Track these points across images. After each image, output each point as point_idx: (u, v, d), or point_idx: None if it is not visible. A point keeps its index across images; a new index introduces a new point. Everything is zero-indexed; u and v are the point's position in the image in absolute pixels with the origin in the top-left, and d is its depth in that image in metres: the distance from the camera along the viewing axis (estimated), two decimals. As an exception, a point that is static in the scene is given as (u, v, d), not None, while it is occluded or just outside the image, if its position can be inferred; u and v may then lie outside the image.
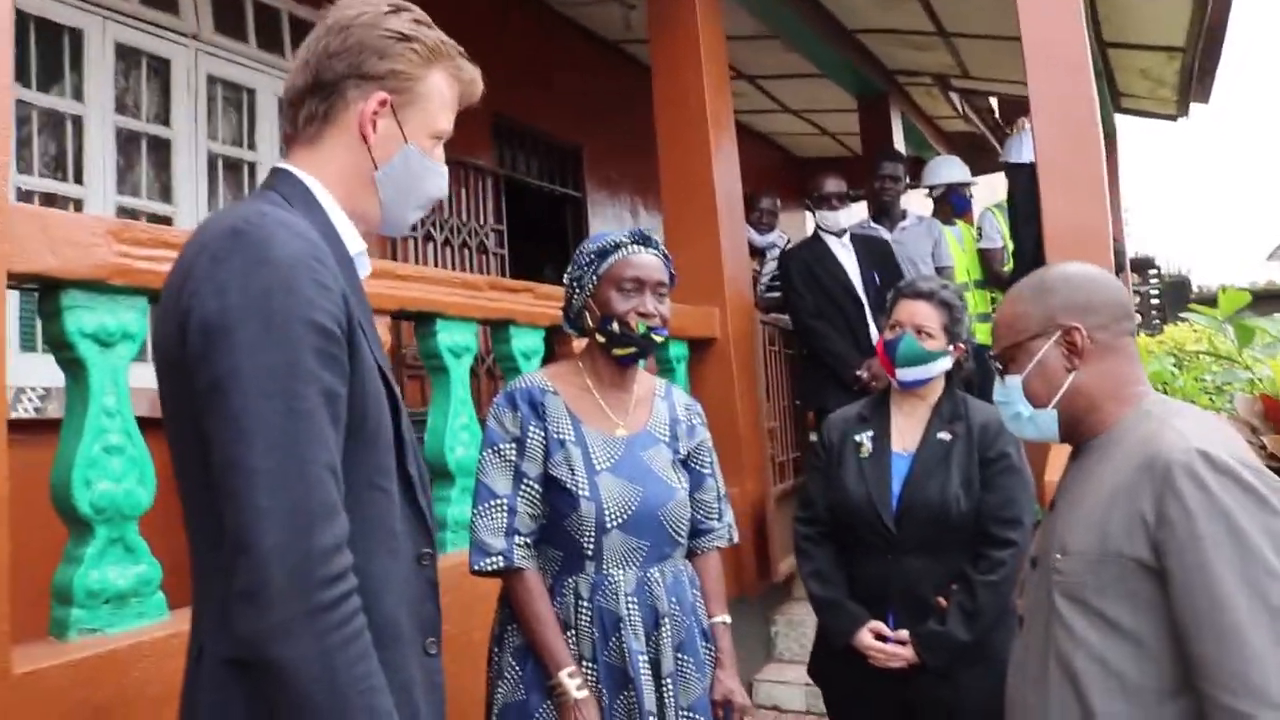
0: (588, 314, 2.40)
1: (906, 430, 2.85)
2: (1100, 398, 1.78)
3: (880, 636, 2.70)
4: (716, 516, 2.54)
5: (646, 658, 2.26)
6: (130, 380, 2.39)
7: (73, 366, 2.31)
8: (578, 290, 2.41)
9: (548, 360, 3.86)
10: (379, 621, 1.35)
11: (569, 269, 2.45)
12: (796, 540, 2.96)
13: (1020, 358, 1.83)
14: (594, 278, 2.37)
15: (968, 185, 6.74)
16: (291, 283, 1.28)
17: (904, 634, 2.67)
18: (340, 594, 1.24)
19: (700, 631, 2.39)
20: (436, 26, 1.60)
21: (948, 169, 6.81)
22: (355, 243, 1.54)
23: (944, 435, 2.79)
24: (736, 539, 2.61)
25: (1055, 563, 1.72)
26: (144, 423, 2.41)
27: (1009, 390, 1.85)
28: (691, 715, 2.29)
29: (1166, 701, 1.58)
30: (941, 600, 2.66)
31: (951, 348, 2.83)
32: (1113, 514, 1.64)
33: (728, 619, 2.48)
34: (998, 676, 2.65)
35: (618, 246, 2.37)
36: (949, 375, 2.90)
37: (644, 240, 2.40)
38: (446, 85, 1.58)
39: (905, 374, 2.82)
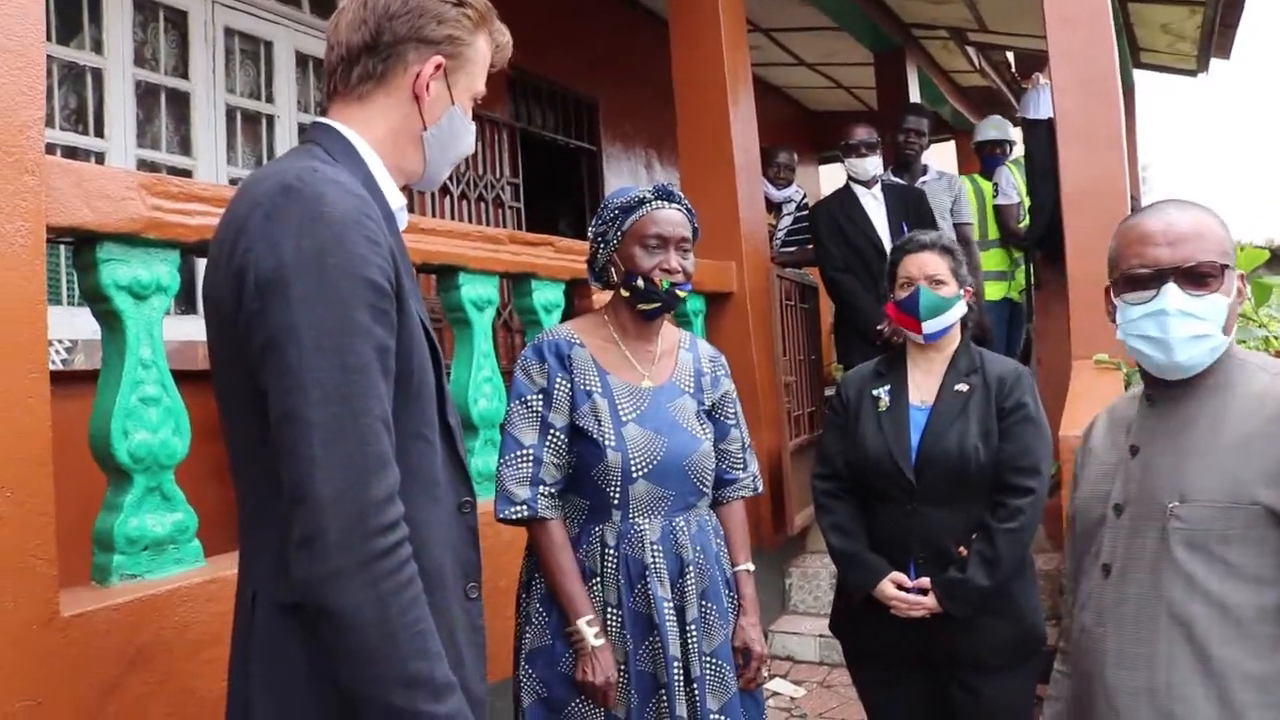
0: (613, 269, 2.43)
1: (923, 383, 2.88)
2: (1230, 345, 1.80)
3: (901, 587, 2.73)
4: (741, 466, 2.59)
5: (671, 605, 2.32)
6: (165, 333, 2.45)
7: (109, 319, 2.36)
8: (602, 245, 2.45)
9: (567, 313, 3.90)
10: (425, 567, 1.40)
11: (593, 223, 2.48)
12: (815, 495, 2.98)
13: (1227, 281, 1.77)
14: (618, 233, 2.41)
15: (1008, 144, 6.81)
16: (344, 239, 1.32)
17: (925, 582, 2.70)
18: (393, 542, 1.29)
19: (724, 580, 2.45)
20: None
21: (998, 127, 6.90)
22: (396, 197, 1.58)
23: (961, 387, 2.81)
24: (761, 489, 2.67)
25: (1174, 510, 1.71)
26: (177, 375, 2.47)
27: (1212, 308, 1.75)
28: (714, 661, 2.36)
29: None
30: (962, 549, 2.70)
31: (962, 292, 2.86)
32: (1246, 462, 1.65)
33: (751, 567, 2.54)
34: (1016, 625, 2.72)
35: (642, 203, 2.40)
36: (962, 325, 2.92)
37: (668, 195, 2.43)
38: (487, 49, 1.63)
39: (931, 325, 2.83)
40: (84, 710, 2.07)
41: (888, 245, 5.18)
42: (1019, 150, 6.59)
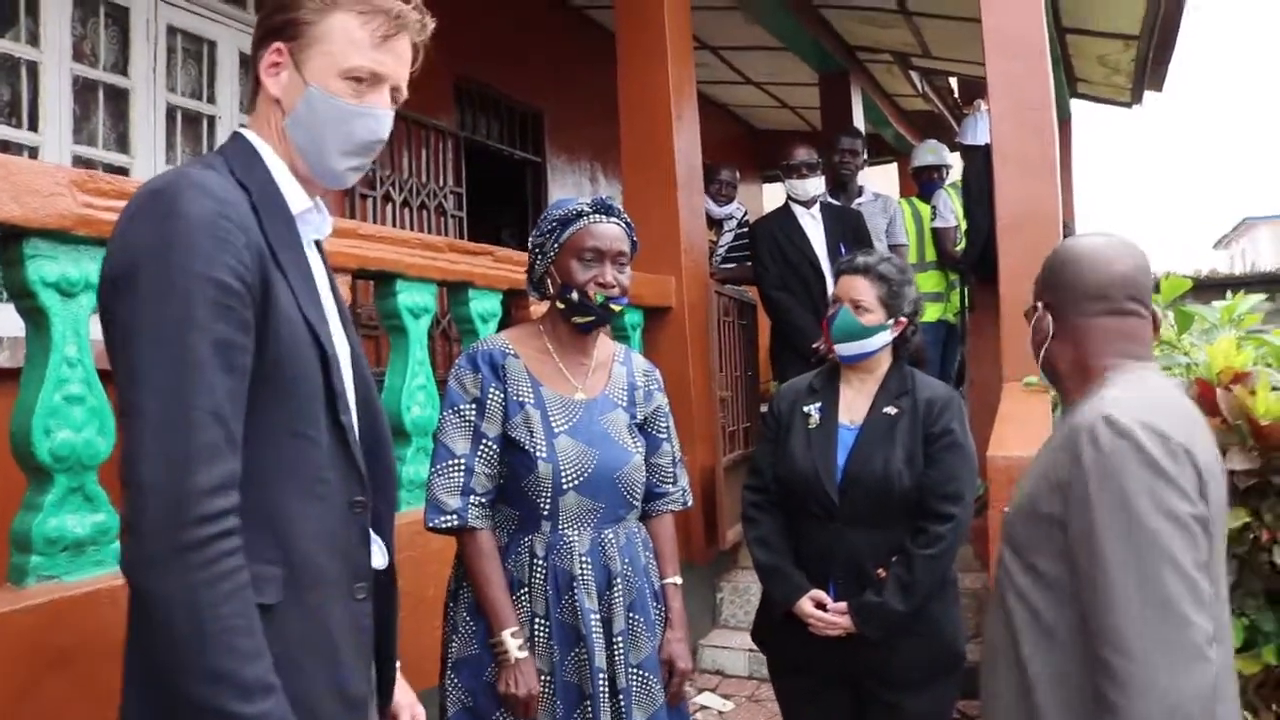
0: (549, 280, 2.44)
1: (854, 403, 2.91)
2: (1066, 371, 1.88)
3: (820, 605, 2.76)
4: (671, 480, 2.60)
5: (598, 616, 2.32)
6: (91, 331, 2.41)
7: (34, 315, 2.31)
8: (540, 256, 2.45)
9: (504, 323, 3.89)
10: (297, 562, 1.44)
11: (532, 234, 2.49)
12: (744, 507, 3.01)
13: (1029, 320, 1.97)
14: (555, 245, 2.41)
15: (944, 168, 6.95)
16: (191, 239, 1.35)
17: (842, 605, 2.74)
18: (213, 533, 1.30)
19: (651, 592, 2.46)
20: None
21: (934, 151, 7.08)
22: (298, 200, 1.59)
23: (890, 410, 2.84)
24: (691, 502, 2.68)
25: (1005, 515, 1.84)
26: (104, 375, 2.42)
27: None
28: (641, 673, 2.36)
29: (1080, 648, 1.68)
30: (881, 571, 2.73)
31: (892, 322, 2.87)
32: (1043, 475, 1.75)
33: (679, 580, 2.55)
34: (934, 644, 2.76)
35: (579, 215, 2.41)
36: (897, 350, 2.94)
37: (606, 209, 2.43)
38: (355, 24, 1.55)
39: (843, 349, 2.88)
40: (-3, 714, 2.03)
41: (825, 265, 5.27)
42: (956, 174, 6.71)
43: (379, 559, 1.65)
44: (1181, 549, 1.56)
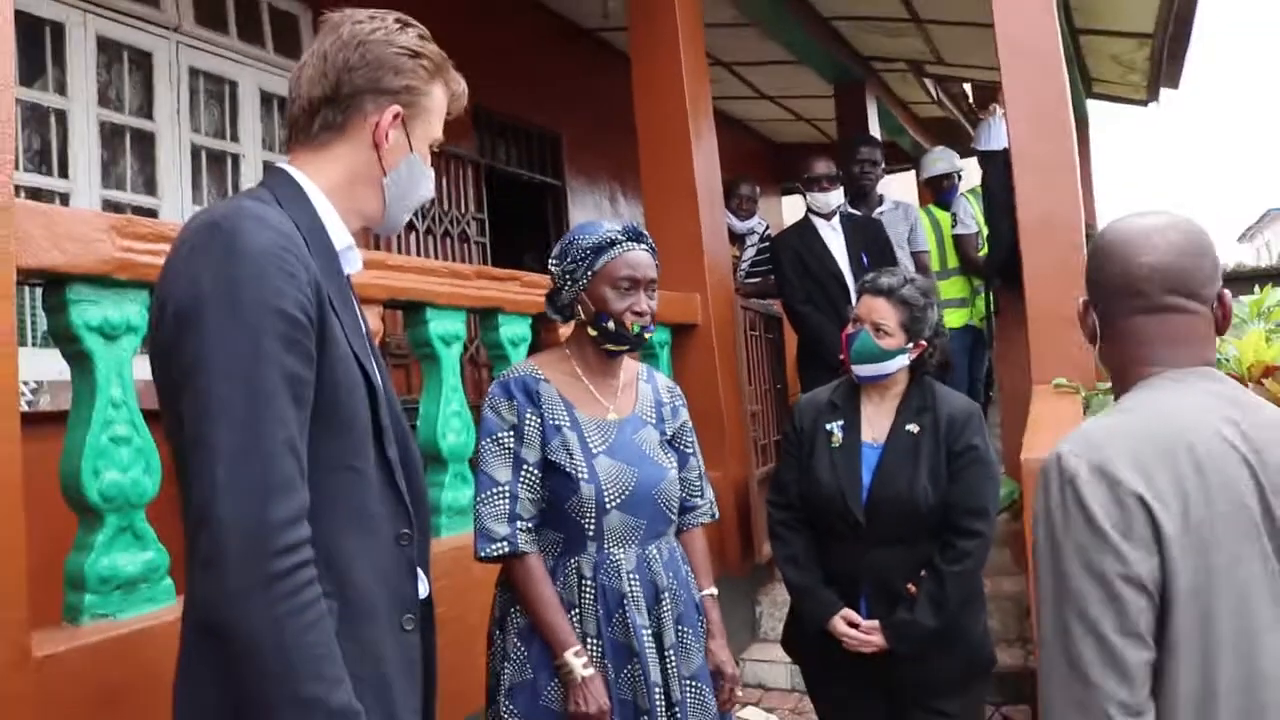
0: (580, 307, 2.46)
1: (875, 420, 2.94)
2: (1113, 377, 1.72)
3: (852, 623, 2.80)
4: (700, 494, 2.64)
5: (650, 632, 2.35)
6: (134, 372, 2.45)
7: (79, 359, 2.36)
8: (569, 283, 2.47)
9: (533, 346, 3.92)
10: (352, 596, 1.47)
11: (558, 259, 2.51)
12: (771, 525, 3.04)
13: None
14: (588, 273, 2.43)
15: (957, 174, 6.94)
16: (259, 272, 1.39)
17: (875, 623, 2.77)
18: (294, 564, 1.33)
19: (694, 605, 2.49)
20: (423, 27, 1.71)
21: (944, 159, 7.07)
22: (342, 238, 1.64)
23: (912, 427, 2.88)
24: (718, 515, 2.73)
25: None
26: (146, 414, 2.46)
27: None
28: (694, 684, 2.40)
29: None
30: (911, 587, 2.76)
31: (911, 345, 2.90)
32: None
33: (715, 592, 2.58)
34: (966, 653, 2.79)
35: (613, 244, 2.43)
36: (914, 367, 2.97)
37: (637, 236, 2.47)
38: (444, 96, 1.72)
39: (860, 370, 2.93)
40: (56, 752, 2.06)
41: (848, 276, 5.27)
42: (974, 179, 6.70)
43: (422, 588, 1.68)
44: (1102, 614, 1.47)
